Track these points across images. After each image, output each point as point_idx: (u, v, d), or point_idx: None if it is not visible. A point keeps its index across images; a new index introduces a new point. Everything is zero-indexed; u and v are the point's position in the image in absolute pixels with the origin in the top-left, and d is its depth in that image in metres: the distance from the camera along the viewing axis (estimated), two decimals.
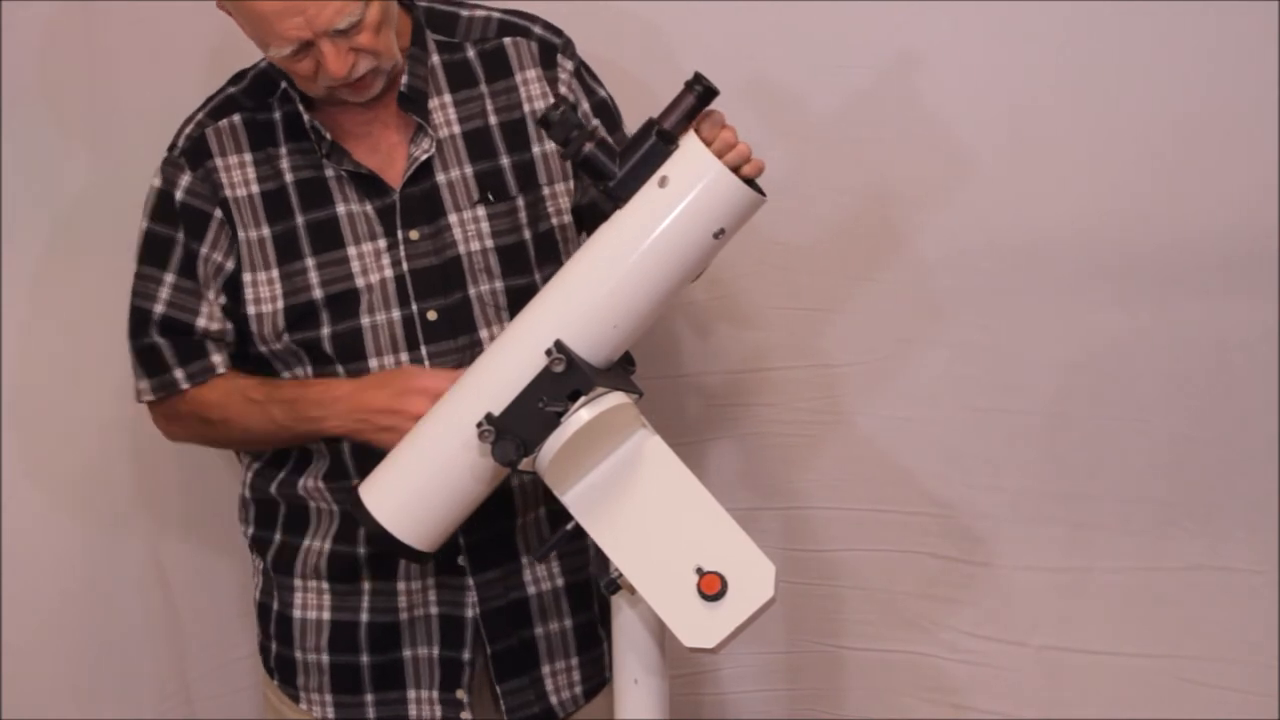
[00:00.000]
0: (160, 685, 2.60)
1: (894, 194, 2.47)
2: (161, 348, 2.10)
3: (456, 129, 2.11)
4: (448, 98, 2.11)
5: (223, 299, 2.10)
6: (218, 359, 2.11)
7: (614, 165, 1.84)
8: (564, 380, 1.82)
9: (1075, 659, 2.51)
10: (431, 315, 2.08)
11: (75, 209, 2.45)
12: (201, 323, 2.09)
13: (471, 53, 2.14)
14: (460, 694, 2.14)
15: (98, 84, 2.46)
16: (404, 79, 2.08)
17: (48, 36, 2.40)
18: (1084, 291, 2.42)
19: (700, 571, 1.79)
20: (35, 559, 2.46)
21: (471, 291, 2.09)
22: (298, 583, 2.17)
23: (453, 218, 2.09)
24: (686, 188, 1.81)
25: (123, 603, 2.56)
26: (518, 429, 1.84)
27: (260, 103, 2.12)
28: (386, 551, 1.98)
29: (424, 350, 2.08)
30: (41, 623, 2.47)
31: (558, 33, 2.16)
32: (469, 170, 2.10)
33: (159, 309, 2.09)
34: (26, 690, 2.45)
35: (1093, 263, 2.40)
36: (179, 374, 2.10)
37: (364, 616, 2.14)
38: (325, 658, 2.16)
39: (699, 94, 1.83)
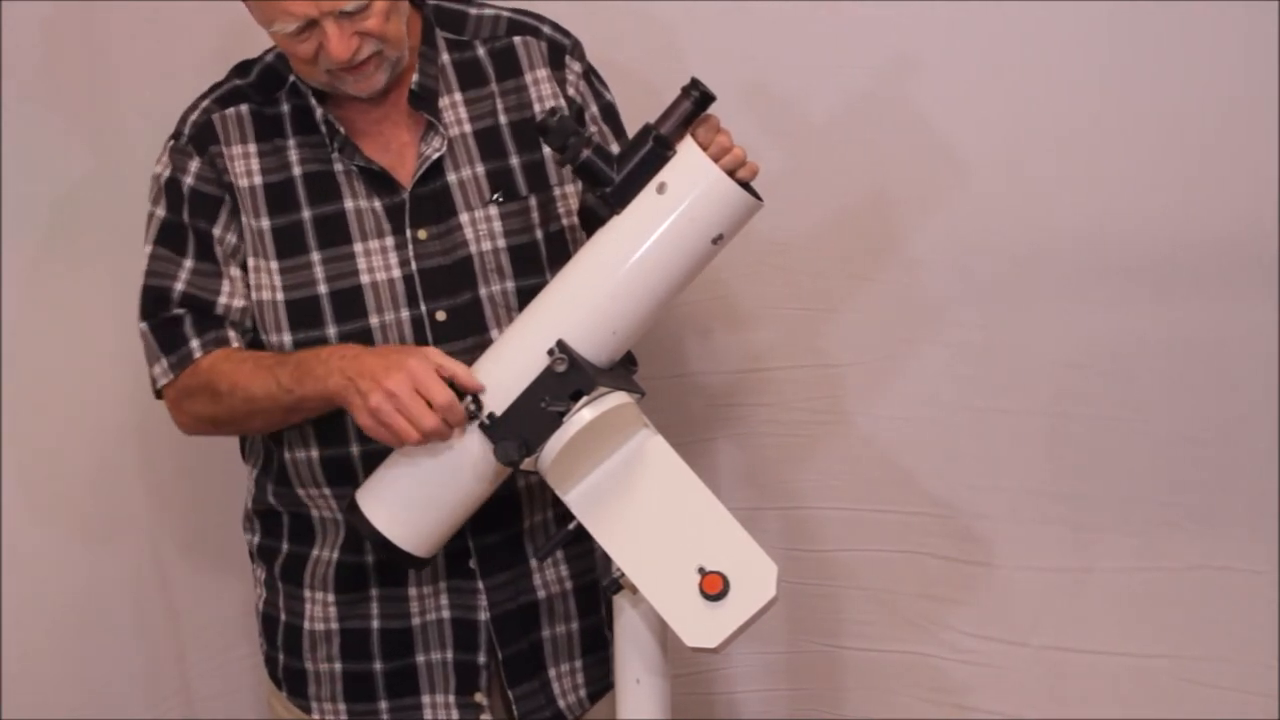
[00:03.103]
0: (160, 685, 2.60)
1: (894, 194, 2.47)
2: (182, 317, 2.04)
3: (467, 128, 2.09)
4: (458, 96, 2.10)
5: (239, 271, 2.06)
6: (233, 335, 2.05)
7: (611, 171, 1.84)
8: (566, 380, 1.83)
9: (1076, 659, 2.51)
10: (441, 316, 2.04)
11: (76, 208, 2.45)
12: (223, 299, 2.05)
13: (481, 51, 2.12)
14: (479, 697, 2.12)
15: (98, 82, 2.46)
16: (415, 77, 2.07)
17: (47, 34, 2.40)
18: (1084, 292, 2.41)
19: (702, 571, 1.79)
20: (35, 559, 2.45)
21: (482, 292, 2.06)
22: (307, 594, 2.14)
23: (464, 217, 2.07)
24: (684, 194, 1.82)
25: (123, 603, 2.56)
26: (520, 429, 1.85)
27: (268, 97, 2.10)
28: (387, 559, 1.97)
29: None
30: (42, 623, 2.47)
31: (566, 34, 2.15)
32: (480, 169, 2.08)
33: (179, 286, 2.04)
34: (26, 690, 2.44)
35: (1092, 263, 2.40)
36: (195, 344, 2.03)
37: (375, 623, 2.12)
38: (338, 666, 2.13)
39: (695, 99, 1.83)
